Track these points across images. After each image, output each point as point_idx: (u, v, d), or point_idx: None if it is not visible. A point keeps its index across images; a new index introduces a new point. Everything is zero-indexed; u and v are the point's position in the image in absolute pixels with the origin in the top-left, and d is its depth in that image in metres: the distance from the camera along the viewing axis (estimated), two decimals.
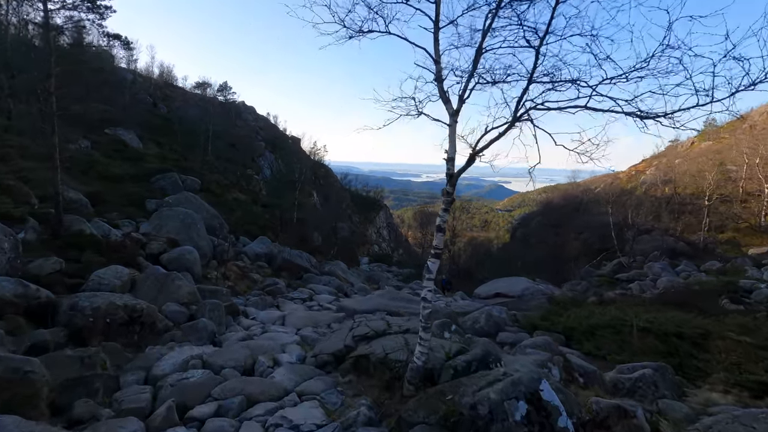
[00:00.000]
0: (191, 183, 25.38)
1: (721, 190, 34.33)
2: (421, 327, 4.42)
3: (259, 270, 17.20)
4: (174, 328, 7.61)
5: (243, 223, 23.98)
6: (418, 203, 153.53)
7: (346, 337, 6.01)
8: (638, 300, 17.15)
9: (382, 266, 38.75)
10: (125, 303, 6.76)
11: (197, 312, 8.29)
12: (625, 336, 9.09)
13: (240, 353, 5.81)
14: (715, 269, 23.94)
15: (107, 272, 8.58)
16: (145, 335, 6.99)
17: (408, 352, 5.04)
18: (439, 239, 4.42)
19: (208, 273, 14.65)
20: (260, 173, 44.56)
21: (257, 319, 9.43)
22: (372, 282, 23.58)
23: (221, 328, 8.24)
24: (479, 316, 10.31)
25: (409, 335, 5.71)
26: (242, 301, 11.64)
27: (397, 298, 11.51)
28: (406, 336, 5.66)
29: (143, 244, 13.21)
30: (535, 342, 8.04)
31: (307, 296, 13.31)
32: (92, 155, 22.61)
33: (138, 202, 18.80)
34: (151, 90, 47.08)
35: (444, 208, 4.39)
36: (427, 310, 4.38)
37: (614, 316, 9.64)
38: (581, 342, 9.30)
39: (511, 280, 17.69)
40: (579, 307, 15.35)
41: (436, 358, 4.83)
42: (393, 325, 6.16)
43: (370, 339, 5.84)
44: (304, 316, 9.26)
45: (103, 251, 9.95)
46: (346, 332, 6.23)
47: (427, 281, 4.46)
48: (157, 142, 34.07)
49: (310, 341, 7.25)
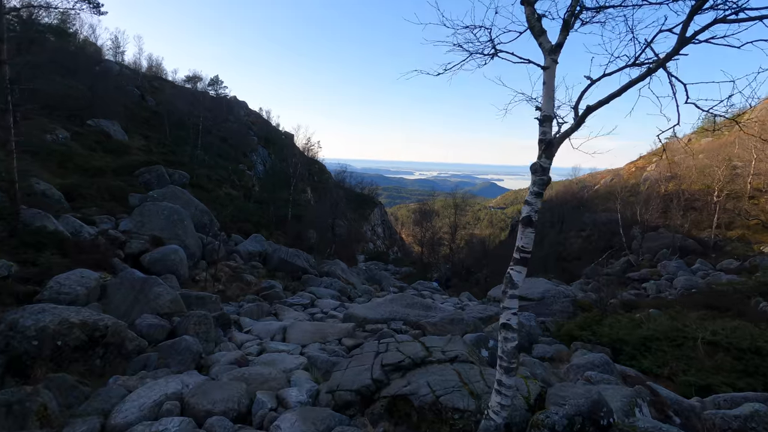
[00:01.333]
0: (179, 177, 23.75)
1: (729, 187, 33.32)
2: (502, 368, 3.01)
3: (253, 271, 15.71)
4: (149, 348, 6.12)
5: (235, 219, 22.40)
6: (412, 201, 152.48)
7: (372, 366, 4.56)
8: (664, 302, 15.92)
9: (378, 264, 37.35)
10: (83, 320, 5.26)
11: (180, 326, 6.80)
12: (688, 350, 7.74)
13: (232, 390, 4.34)
14: (734, 268, 22.86)
15: (70, 278, 7.06)
16: (110, 359, 5.50)
17: (470, 395, 3.63)
18: (528, 238, 3.01)
19: (197, 275, 13.15)
20: (253, 169, 42.88)
21: (253, 331, 7.94)
22: (373, 282, 22.15)
23: (209, 345, 6.75)
24: None
25: (460, 366, 4.29)
26: (235, 308, 10.15)
27: (413, 304, 10.08)
28: (456, 368, 4.24)
29: (122, 243, 11.66)
30: (591, 361, 6.66)
31: (308, 301, 11.85)
32: (70, 146, 20.87)
33: (120, 197, 17.19)
34: (139, 82, 45.13)
35: (536, 191, 2.99)
36: (512, 343, 2.97)
37: (671, 327, 8.28)
38: (635, 357, 7.93)
39: (529, 281, 16.31)
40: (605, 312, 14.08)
41: (512, 406, 3.41)
42: (433, 350, 4.72)
43: (406, 370, 4.41)
44: (308, 329, 7.79)
45: (68, 252, 8.40)
46: (370, 358, 4.79)
47: (509, 299, 3.04)
48: (144, 136, 32.33)
49: (321, 364, 5.80)
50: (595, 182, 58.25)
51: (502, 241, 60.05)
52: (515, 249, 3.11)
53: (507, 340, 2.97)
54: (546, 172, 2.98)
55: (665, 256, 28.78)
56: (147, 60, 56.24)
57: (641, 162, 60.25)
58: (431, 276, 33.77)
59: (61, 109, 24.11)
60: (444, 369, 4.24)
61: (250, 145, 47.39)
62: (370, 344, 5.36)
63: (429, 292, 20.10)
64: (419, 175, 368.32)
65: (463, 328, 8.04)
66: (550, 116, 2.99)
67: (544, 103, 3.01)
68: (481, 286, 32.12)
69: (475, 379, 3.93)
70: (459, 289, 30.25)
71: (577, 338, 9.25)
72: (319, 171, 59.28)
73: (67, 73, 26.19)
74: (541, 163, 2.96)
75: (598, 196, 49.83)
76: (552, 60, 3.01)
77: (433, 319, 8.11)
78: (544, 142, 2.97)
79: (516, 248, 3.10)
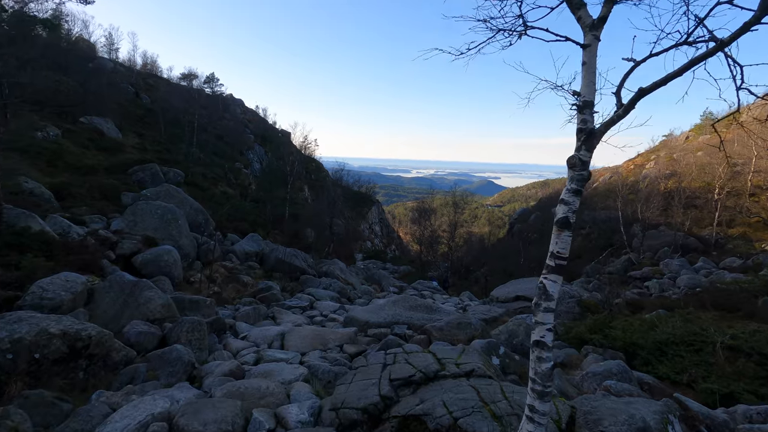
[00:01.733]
0: (174, 175, 23.26)
1: (730, 184, 33.08)
2: (535, 392, 2.61)
3: (249, 271, 15.28)
4: (138, 358, 5.71)
5: (231, 218, 21.94)
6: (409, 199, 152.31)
7: (379, 380, 4.16)
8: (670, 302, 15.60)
9: (376, 263, 36.94)
10: (64, 330, 4.84)
11: (171, 333, 6.38)
12: (707, 356, 7.38)
13: (226, 408, 3.93)
14: (737, 266, 22.59)
15: (54, 282, 6.63)
16: (95, 371, 5.10)
17: (492, 417, 3.23)
18: (564, 242, 2.62)
19: (191, 276, 12.72)
20: (250, 167, 42.36)
21: (249, 338, 7.53)
22: (372, 282, 21.76)
23: (202, 354, 6.34)
24: (516, 329, 8.52)
25: (477, 382, 3.89)
26: (230, 312, 9.73)
27: (416, 306, 9.68)
28: (474, 384, 3.84)
29: (113, 243, 11.22)
30: (609, 369, 6.31)
31: (307, 304, 11.43)
32: (62, 144, 20.34)
33: (112, 196, 16.71)
34: (133, 79, 44.50)
35: (574, 188, 2.60)
36: (547, 364, 2.57)
37: (688, 330, 7.92)
38: (650, 363, 7.57)
39: (533, 281, 15.96)
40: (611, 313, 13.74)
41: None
42: (446, 362, 4.32)
43: (418, 385, 4.01)
44: (307, 334, 7.38)
45: (54, 254, 7.96)
46: (377, 371, 4.40)
47: (544, 313, 2.65)
48: (138, 133, 31.78)
49: (322, 375, 5.40)
50: (594, 180, 58.02)
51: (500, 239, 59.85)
52: (549, 255, 2.72)
53: (541, 360, 2.58)
54: (586, 166, 2.59)
55: (666, 254, 28.50)
56: (141, 57, 55.57)
57: (639, 159, 60.05)
58: (430, 275, 33.40)
59: (52, 106, 23.56)
60: (460, 385, 3.85)
61: (246, 143, 46.86)
62: (376, 355, 4.96)
63: (429, 292, 19.74)
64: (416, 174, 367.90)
65: (471, 332, 7.66)
66: (590, 102, 2.60)
67: (584, 86, 2.63)
68: (480, 285, 31.80)
69: (496, 398, 3.55)
70: (459, 288, 29.91)
71: (587, 342, 8.89)
72: (316, 169, 58.81)
73: (59, 69, 25.59)
74: (580, 156, 2.57)
75: (597, 193, 49.56)
76: (593, 37, 2.61)
77: (438, 323, 7.72)
78: (584, 131, 2.58)
79: (550, 254, 2.71)
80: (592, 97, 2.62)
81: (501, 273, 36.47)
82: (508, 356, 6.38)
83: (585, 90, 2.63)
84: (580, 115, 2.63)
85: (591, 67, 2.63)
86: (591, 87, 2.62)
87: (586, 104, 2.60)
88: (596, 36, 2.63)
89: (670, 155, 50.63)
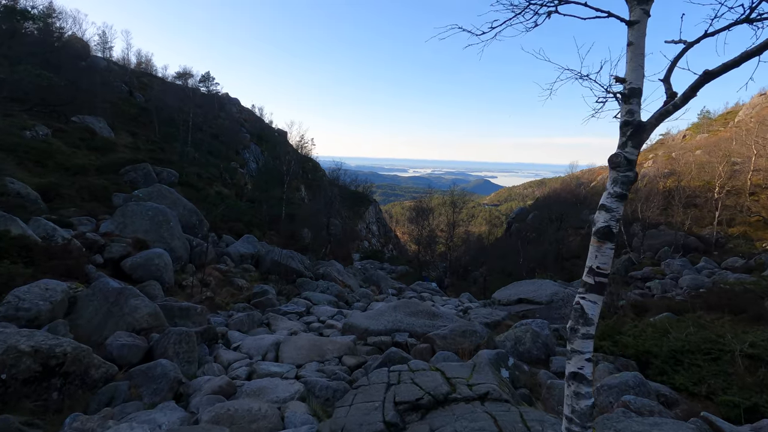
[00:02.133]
0: (167, 175, 22.78)
1: (730, 183, 32.90)
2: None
3: (244, 274, 14.84)
4: (120, 373, 5.28)
5: (226, 219, 21.47)
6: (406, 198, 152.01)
7: (383, 402, 3.74)
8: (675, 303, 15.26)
9: (374, 263, 36.52)
10: (36, 346, 4.41)
11: (158, 345, 5.95)
12: (725, 365, 7.00)
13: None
14: (740, 266, 22.33)
15: (31, 290, 6.19)
16: (71, 391, 4.66)
17: None
18: (606, 256, 2.21)
19: (183, 280, 12.28)
20: (245, 166, 41.84)
21: (242, 348, 7.09)
22: (370, 283, 21.35)
23: (191, 367, 5.92)
24: (522, 336, 8.13)
25: (493, 407, 3.48)
26: (223, 319, 9.29)
27: (417, 312, 9.27)
28: (489, 409, 3.43)
29: (100, 246, 10.76)
30: (625, 382, 5.92)
31: (303, 309, 11.00)
32: (51, 144, 19.81)
33: (102, 197, 16.25)
34: (127, 78, 43.87)
35: (618, 192, 2.20)
36: (586, 401, 2.17)
37: (703, 337, 7.55)
38: (665, 372, 7.20)
39: (535, 284, 15.60)
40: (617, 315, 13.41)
41: None
42: (456, 383, 3.90)
43: (426, 410, 3.60)
44: (304, 344, 6.96)
45: (34, 259, 7.51)
46: (380, 391, 3.98)
47: (582, 340, 2.25)
48: (131, 133, 31.22)
49: (320, 392, 4.99)
50: (592, 179, 57.85)
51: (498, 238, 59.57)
52: (586, 271, 2.31)
53: (580, 397, 2.18)
54: (632, 165, 2.20)
55: (667, 254, 28.24)
56: (136, 56, 54.97)
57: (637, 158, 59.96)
58: (428, 275, 33.02)
59: (40, 104, 23.02)
60: (474, 411, 3.44)
61: (242, 142, 46.34)
62: (378, 373, 4.54)
63: (429, 294, 19.34)
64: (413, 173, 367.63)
65: (476, 340, 7.26)
66: (638, 89, 2.20)
67: (630, 71, 2.23)
68: (479, 285, 31.46)
69: (516, 428, 3.15)
70: (457, 289, 29.54)
71: (596, 349, 8.52)
72: (313, 169, 58.36)
73: (49, 66, 25.03)
74: (625, 154, 2.18)
75: (596, 192, 49.33)
76: (642, 12, 2.21)
77: (442, 331, 7.32)
78: (631, 124, 2.18)
79: (588, 270, 2.31)
80: (641, 83, 2.22)
81: (500, 273, 36.17)
82: (517, 368, 6.00)
83: (631, 75, 2.23)
84: (625, 105, 2.24)
85: (639, 48, 2.23)
86: (639, 71, 2.22)
87: (633, 92, 2.21)
88: (646, 11, 2.22)
89: (668, 154, 50.49)
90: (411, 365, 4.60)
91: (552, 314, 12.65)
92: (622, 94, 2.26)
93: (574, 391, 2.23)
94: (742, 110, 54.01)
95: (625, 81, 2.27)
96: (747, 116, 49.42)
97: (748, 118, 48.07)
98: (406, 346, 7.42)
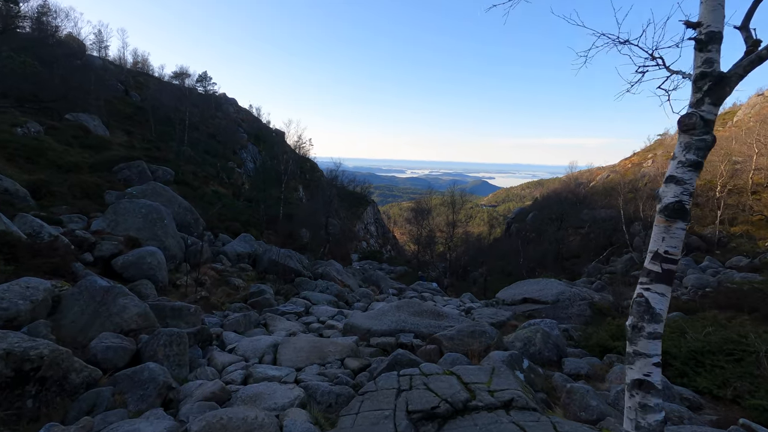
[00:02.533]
0: (163, 173, 22.33)
1: (731, 182, 32.67)
2: None
3: (241, 273, 14.41)
4: (105, 378, 4.85)
5: (223, 218, 21.03)
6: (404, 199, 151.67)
7: (394, 411, 3.34)
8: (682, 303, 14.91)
9: (372, 263, 36.15)
10: (9, 349, 3.99)
11: (146, 347, 5.54)
12: (750, 366, 6.63)
13: None
14: (744, 265, 22.02)
15: (11, 289, 5.76)
16: (48, 398, 4.24)
17: None
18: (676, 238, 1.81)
19: (178, 279, 11.83)
20: (243, 166, 41.39)
21: (238, 350, 6.67)
22: (370, 283, 20.94)
23: (182, 371, 5.50)
24: (533, 336, 7.73)
25: (520, 416, 3.08)
26: (218, 319, 8.87)
27: (421, 311, 8.87)
28: (516, 419, 3.03)
29: (91, 244, 10.32)
30: None
31: (302, 309, 10.57)
32: (43, 141, 19.33)
33: (95, 195, 15.78)
34: (123, 77, 43.40)
35: (692, 160, 1.80)
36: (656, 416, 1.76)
37: (724, 337, 7.18)
38: (686, 374, 6.82)
39: (540, 283, 15.22)
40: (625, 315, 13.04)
41: None
42: (475, 388, 3.49)
43: (444, 419, 3.19)
44: (303, 346, 6.55)
45: (18, 257, 7.09)
46: (389, 398, 3.57)
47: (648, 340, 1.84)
48: (126, 131, 30.77)
49: (321, 397, 4.58)
50: (591, 179, 57.63)
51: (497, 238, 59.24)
52: (650, 257, 1.91)
53: (647, 410, 1.78)
54: (710, 127, 1.80)
55: None
56: (132, 55, 54.55)
57: (636, 158, 59.79)
58: (427, 275, 32.64)
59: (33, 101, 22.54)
60: (499, 421, 3.04)
61: (239, 142, 45.91)
62: (387, 377, 4.12)
63: (430, 294, 18.95)
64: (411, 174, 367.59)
65: (485, 341, 6.87)
66: (718, 33, 1.81)
67: (706, 12, 1.82)
68: (479, 286, 31.09)
69: None
70: (457, 289, 29.17)
71: (610, 350, 8.16)
72: (311, 169, 57.96)
73: (42, 63, 24.55)
74: (701, 114, 1.78)
75: (595, 192, 49.12)
76: None
77: (449, 332, 6.92)
78: (709, 76, 1.78)
79: (652, 255, 1.91)
80: (720, 25, 1.82)
81: (500, 273, 35.85)
82: (532, 370, 5.60)
83: (708, 16, 1.83)
84: (701, 53, 1.84)
85: None
86: (718, 11, 1.81)
87: (712, 36, 1.81)
88: None
89: (668, 153, 50.33)
90: (423, 369, 4.19)
91: (559, 314, 12.27)
92: (697, 40, 1.87)
93: (639, 403, 1.83)
94: (741, 110, 53.92)
95: (700, 24, 1.88)
96: (746, 116, 49.30)
97: (748, 117, 47.97)
98: (411, 348, 7.02)
